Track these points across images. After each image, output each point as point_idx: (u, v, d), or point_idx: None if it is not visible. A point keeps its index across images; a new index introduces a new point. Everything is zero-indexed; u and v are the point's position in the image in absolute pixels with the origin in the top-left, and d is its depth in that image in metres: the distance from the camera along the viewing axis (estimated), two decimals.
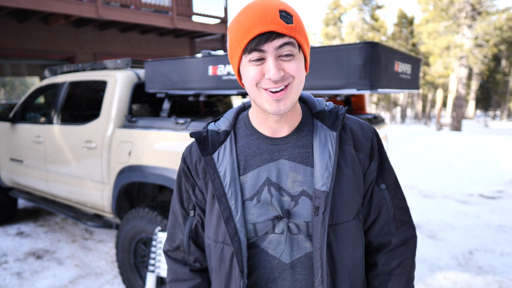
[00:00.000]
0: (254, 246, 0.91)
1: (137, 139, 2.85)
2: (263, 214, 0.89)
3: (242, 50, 0.81)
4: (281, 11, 0.79)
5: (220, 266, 0.93)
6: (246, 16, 0.80)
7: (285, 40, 0.79)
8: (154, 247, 2.56)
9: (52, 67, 4.11)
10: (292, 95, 0.83)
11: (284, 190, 0.89)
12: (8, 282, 3.24)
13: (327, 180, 0.87)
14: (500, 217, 4.86)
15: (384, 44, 2.15)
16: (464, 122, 21.25)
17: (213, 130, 0.96)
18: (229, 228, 0.88)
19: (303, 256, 0.90)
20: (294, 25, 0.80)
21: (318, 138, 0.91)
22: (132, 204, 3.17)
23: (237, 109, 1.02)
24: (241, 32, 0.80)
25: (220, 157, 0.92)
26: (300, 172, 0.90)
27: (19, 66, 8.82)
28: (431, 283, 3.17)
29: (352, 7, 32.52)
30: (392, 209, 1.00)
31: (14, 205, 4.72)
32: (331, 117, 0.94)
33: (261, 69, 0.81)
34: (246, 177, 0.91)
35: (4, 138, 4.26)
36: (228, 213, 0.89)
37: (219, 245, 0.92)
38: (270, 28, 0.77)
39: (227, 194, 0.89)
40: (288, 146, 0.92)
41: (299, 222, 0.89)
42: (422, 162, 8.53)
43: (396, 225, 1.00)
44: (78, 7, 7.14)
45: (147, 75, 3.01)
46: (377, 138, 1.00)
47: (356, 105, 3.59)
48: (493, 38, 19.91)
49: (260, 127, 0.94)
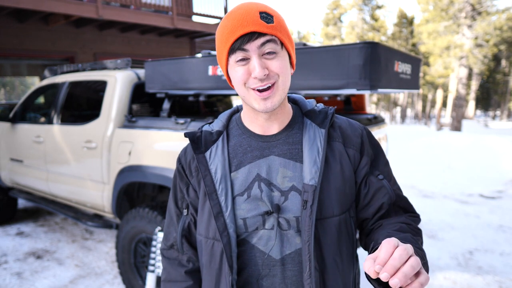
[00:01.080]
0: (245, 243, 0.93)
1: (137, 139, 2.85)
2: (253, 209, 0.91)
3: (227, 51, 0.85)
4: (261, 13, 0.83)
5: (210, 262, 0.95)
6: (229, 20, 0.85)
7: (267, 38, 0.83)
8: (154, 247, 2.56)
9: (52, 67, 4.11)
10: (279, 92, 0.87)
11: (274, 186, 0.92)
12: (8, 282, 3.24)
13: (315, 175, 0.90)
14: (500, 217, 4.86)
15: (384, 44, 2.15)
16: (464, 122, 21.25)
17: (207, 131, 1.01)
18: (219, 223, 0.90)
19: (293, 252, 0.91)
20: (275, 24, 0.84)
21: (307, 135, 0.94)
22: (132, 204, 3.17)
23: (231, 111, 1.06)
24: (225, 35, 0.85)
25: (212, 155, 0.96)
26: (290, 168, 0.92)
27: (19, 66, 8.82)
28: (431, 283, 3.17)
29: (352, 7, 32.53)
30: (394, 195, 0.99)
31: (14, 205, 4.72)
32: (320, 115, 0.98)
33: (247, 68, 0.85)
34: (237, 174, 0.94)
35: (4, 138, 4.26)
36: (218, 209, 0.91)
37: (209, 241, 0.94)
38: (251, 28, 0.82)
39: (217, 190, 0.92)
40: (278, 143, 0.95)
41: (289, 217, 0.90)
42: (422, 162, 8.53)
43: (395, 210, 0.99)
44: (78, 7, 7.14)
45: (147, 75, 3.01)
46: (367, 134, 1.02)
47: (356, 105, 3.60)
48: (493, 38, 19.91)
49: (251, 126, 0.97)
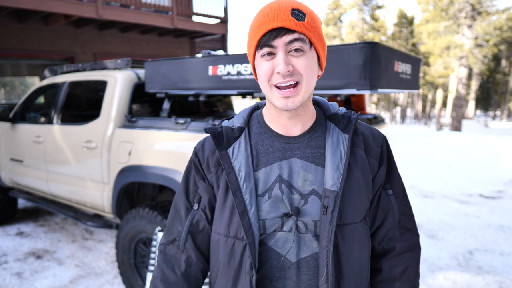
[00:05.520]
0: (261, 244, 0.92)
1: (137, 139, 2.85)
2: (273, 211, 0.90)
3: (255, 45, 0.85)
4: (294, 9, 0.82)
5: (229, 261, 0.93)
6: (260, 14, 0.85)
7: (295, 36, 0.82)
8: (154, 247, 2.56)
9: (52, 67, 4.11)
10: (302, 93, 0.85)
11: (295, 188, 0.90)
12: (8, 282, 3.24)
13: (337, 181, 0.89)
14: (500, 217, 4.86)
15: (384, 44, 2.15)
16: (464, 122, 21.25)
17: (228, 127, 0.98)
18: (244, 222, 0.89)
19: (310, 256, 0.91)
20: (306, 22, 0.83)
21: (330, 139, 0.93)
22: (132, 204, 3.17)
23: (251, 108, 1.04)
24: (254, 28, 0.85)
25: (235, 152, 0.94)
26: (311, 171, 0.91)
27: (19, 66, 8.82)
28: (431, 283, 3.17)
29: (352, 7, 32.52)
30: (398, 215, 1.01)
31: (14, 205, 4.72)
32: (344, 120, 0.96)
33: (272, 64, 0.84)
34: (258, 174, 0.93)
35: (4, 138, 4.26)
36: (243, 207, 0.89)
37: (230, 239, 0.92)
38: (280, 24, 0.81)
39: (241, 188, 0.90)
40: (301, 145, 0.93)
41: (308, 221, 0.90)
42: (422, 162, 8.53)
43: (400, 231, 1.01)
44: (78, 7, 7.14)
45: (147, 75, 3.01)
46: (386, 144, 1.02)
47: (356, 105, 3.60)
48: (493, 38, 19.92)
49: (273, 125, 0.95)
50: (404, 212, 1.02)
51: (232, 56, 2.54)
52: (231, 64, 2.52)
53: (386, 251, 1.01)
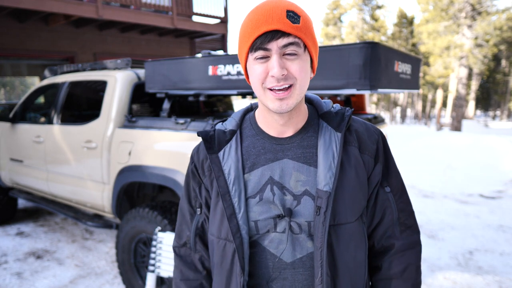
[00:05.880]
0: (256, 245, 0.92)
1: (137, 139, 2.85)
2: (265, 212, 0.90)
3: (248, 48, 0.83)
4: (289, 11, 0.80)
5: (222, 262, 0.94)
6: (255, 14, 0.82)
7: (290, 40, 0.80)
8: (154, 247, 2.56)
9: (52, 67, 4.11)
10: (295, 96, 0.85)
11: (287, 189, 0.90)
12: (8, 282, 3.24)
13: (330, 181, 0.88)
14: (500, 217, 4.86)
15: (384, 44, 2.14)
16: (464, 122, 21.25)
17: (220, 130, 0.98)
18: (232, 224, 0.89)
19: (305, 256, 0.91)
20: (301, 25, 0.81)
21: (322, 138, 0.92)
22: (132, 204, 3.17)
23: (244, 110, 1.04)
24: (248, 30, 0.82)
25: (226, 155, 0.94)
26: (303, 172, 0.90)
27: (19, 66, 8.83)
28: (431, 283, 3.17)
29: (352, 7, 32.52)
30: (397, 212, 1.00)
31: (14, 205, 4.72)
32: (336, 118, 0.95)
33: (266, 67, 0.82)
34: (250, 176, 0.92)
35: (4, 138, 4.26)
36: (231, 210, 0.90)
37: (221, 241, 0.93)
38: (276, 26, 0.79)
39: (231, 191, 0.91)
40: (293, 146, 0.92)
41: (301, 222, 0.89)
42: (422, 162, 8.53)
43: (400, 228, 1.00)
44: (78, 7, 7.14)
45: (147, 75, 3.01)
46: (383, 141, 1.00)
47: (356, 105, 3.60)
48: (493, 38, 19.91)
49: (265, 127, 0.95)
50: (403, 209, 1.01)
51: (232, 56, 2.54)
52: (231, 64, 2.52)
53: (386, 249, 1.01)
